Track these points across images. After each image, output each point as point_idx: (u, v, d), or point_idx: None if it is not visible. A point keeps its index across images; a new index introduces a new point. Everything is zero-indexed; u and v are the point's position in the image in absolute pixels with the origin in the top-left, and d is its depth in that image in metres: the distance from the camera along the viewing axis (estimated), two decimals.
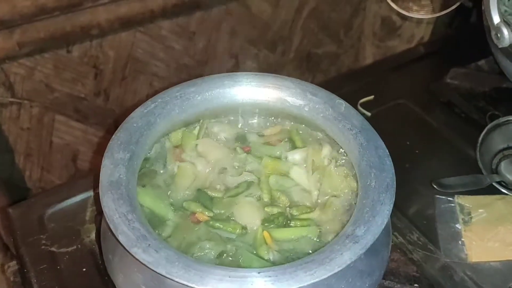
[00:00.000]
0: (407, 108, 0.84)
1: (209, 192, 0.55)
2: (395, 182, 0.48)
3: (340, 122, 0.53)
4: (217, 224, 0.53)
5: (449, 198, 0.69)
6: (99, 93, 1.28)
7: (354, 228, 0.44)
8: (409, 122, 0.82)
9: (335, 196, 0.55)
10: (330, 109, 0.54)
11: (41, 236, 0.62)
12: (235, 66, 1.44)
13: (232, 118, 0.63)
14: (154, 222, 0.53)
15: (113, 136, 0.50)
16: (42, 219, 0.64)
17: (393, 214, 0.67)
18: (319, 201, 0.56)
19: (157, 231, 0.52)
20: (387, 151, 0.50)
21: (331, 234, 0.51)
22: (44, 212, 0.65)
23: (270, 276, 0.40)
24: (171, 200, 0.55)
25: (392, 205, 0.46)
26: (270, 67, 1.51)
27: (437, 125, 0.81)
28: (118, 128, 0.52)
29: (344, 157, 0.57)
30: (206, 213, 0.53)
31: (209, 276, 0.39)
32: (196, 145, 0.60)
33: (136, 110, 0.54)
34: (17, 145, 1.24)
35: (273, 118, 0.61)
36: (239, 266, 0.49)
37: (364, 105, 0.83)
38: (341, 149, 0.57)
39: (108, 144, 0.50)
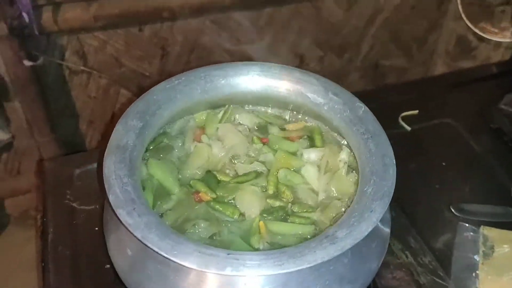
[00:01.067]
0: (452, 129, 0.80)
1: (217, 175, 0.57)
2: (392, 192, 0.46)
3: (355, 125, 0.53)
4: (217, 206, 0.54)
5: (473, 227, 0.66)
6: (162, 73, 1.33)
7: (337, 230, 0.43)
8: (450, 143, 0.78)
9: (339, 200, 0.54)
10: (348, 111, 0.54)
11: (67, 191, 0.67)
12: (299, 66, 1.44)
13: (257, 107, 0.63)
14: (160, 194, 0.55)
15: (132, 104, 0.53)
16: (71, 176, 0.69)
17: (408, 232, 0.65)
18: (323, 202, 0.55)
19: (159, 202, 0.54)
20: (394, 160, 0.49)
21: None
22: (75, 170, 0.69)
23: (237, 260, 0.40)
24: (180, 176, 0.57)
25: (382, 214, 0.44)
26: (334, 72, 1.50)
27: (480, 150, 0.77)
28: (139, 98, 0.54)
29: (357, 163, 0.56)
30: (210, 194, 0.55)
31: (179, 248, 0.41)
32: (217, 128, 0.61)
33: (159, 84, 0.56)
34: (82, 111, 1.32)
35: (294, 112, 0.61)
36: (228, 249, 0.50)
37: (406, 119, 0.80)
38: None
39: (126, 111, 0.53)
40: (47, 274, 0.59)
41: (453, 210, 0.65)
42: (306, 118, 0.62)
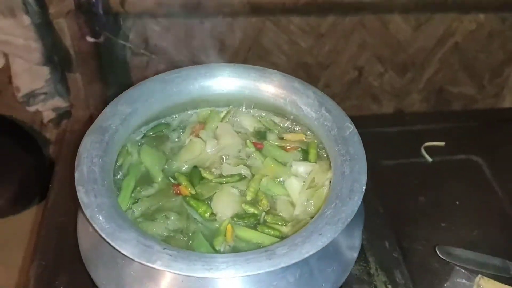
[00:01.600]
0: (477, 168, 0.75)
1: (202, 172, 0.58)
2: (349, 220, 0.45)
3: (338, 145, 0.51)
4: (192, 202, 0.55)
5: (469, 275, 0.62)
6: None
7: (279, 246, 0.43)
8: (471, 182, 0.73)
9: (312, 218, 0.53)
10: (336, 129, 0.52)
11: None
12: (356, 79, 1.41)
13: (260, 113, 0.63)
14: (144, 180, 0.57)
15: (127, 90, 0.55)
16: None
17: (397, 267, 0.63)
18: (297, 217, 0.54)
19: (139, 188, 0.56)
20: (363, 188, 0.47)
21: None
22: None
23: (170, 255, 0.41)
24: (166, 167, 0.58)
25: (330, 239, 0.43)
26: (393, 90, 1.45)
27: (503, 196, 0.72)
28: (135, 85, 0.56)
29: None
30: (189, 189, 0.56)
31: (121, 233, 0.42)
32: (217, 127, 0.62)
33: (160, 74, 0.58)
34: None
35: (294, 123, 0.60)
36: (188, 246, 0.51)
37: (430, 150, 0.77)
38: None
39: (118, 96, 0.55)
40: (38, 237, 0.63)
41: (438, 252, 0.61)
42: (308, 132, 0.61)
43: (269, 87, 0.57)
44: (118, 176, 0.56)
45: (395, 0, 1.25)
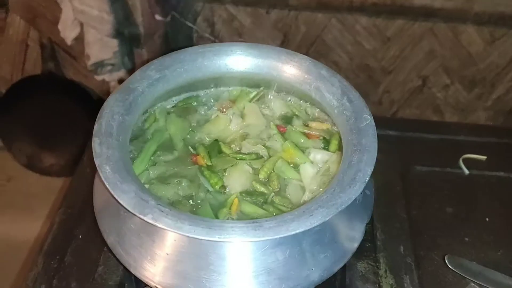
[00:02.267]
0: None
1: (222, 146, 0.59)
2: (344, 206, 0.44)
3: (352, 134, 0.50)
4: (206, 172, 0.56)
5: None
6: None
7: (267, 220, 0.43)
8: (506, 201, 0.69)
9: None
10: (353, 119, 0.52)
11: None
12: (419, 87, 1.37)
13: (292, 98, 0.64)
14: (166, 145, 0.59)
15: (159, 58, 0.58)
16: None
17: (407, 273, 0.61)
18: (305, 202, 0.54)
19: (159, 152, 0.58)
20: (366, 179, 0.46)
21: None
22: None
23: (161, 211, 0.43)
24: (189, 136, 0.60)
25: (320, 222, 0.43)
26: (457, 104, 1.39)
27: None
28: (168, 54, 0.59)
29: None
30: (205, 160, 0.57)
31: (122, 185, 0.44)
32: (244, 106, 0.63)
33: (195, 46, 0.60)
34: None
35: (317, 108, 0.60)
36: (193, 213, 0.53)
37: (468, 162, 0.73)
38: None
39: (151, 61, 0.57)
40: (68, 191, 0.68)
41: (447, 261, 0.58)
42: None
43: (296, 71, 0.57)
44: (143, 138, 0.58)
45: (468, 9, 1.20)
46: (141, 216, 0.42)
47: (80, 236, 0.63)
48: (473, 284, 0.59)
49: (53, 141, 1.52)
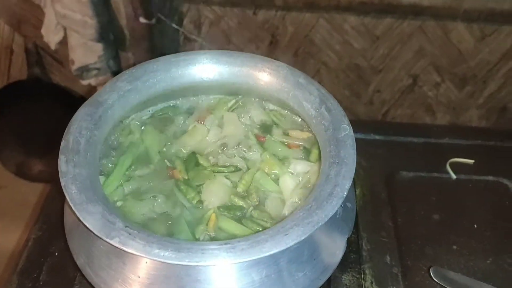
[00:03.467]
0: (505, 191, 0.69)
1: (199, 158, 0.57)
2: (320, 224, 0.42)
3: (330, 146, 0.49)
4: (182, 187, 0.54)
5: None
6: None
7: (240, 241, 0.41)
8: (495, 206, 0.67)
9: None
10: (331, 130, 0.50)
11: None
12: (410, 86, 1.35)
13: (268, 106, 0.62)
14: (141, 159, 0.57)
15: (130, 68, 0.56)
16: None
17: (393, 283, 0.59)
18: (284, 215, 0.52)
19: (134, 167, 0.56)
20: (344, 194, 0.44)
21: None
22: None
23: (129, 234, 0.41)
24: (165, 149, 0.58)
25: (295, 242, 0.41)
26: (449, 103, 1.38)
27: None
28: (140, 64, 0.57)
29: None
30: (182, 174, 0.55)
31: (87, 206, 0.42)
32: (223, 115, 0.61)
33: (167, 55, 0.58)
34: None
35: (298, 116, 0.59)
36: (169, 230, 0.51)
37: (455, 166, 0.72)
38: None
39: (121, 73, 0.55)
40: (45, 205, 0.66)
41: (432, 273, 0.57)
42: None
43: (273, 79, 0.55)
44: (117, 152, 0.56)
45: (458, 6, 1.18)
46: (108, 240, 0.40)
47: (56, 254, 0.61)
48: None
49: (42, 147, 1.50)
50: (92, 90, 1.40)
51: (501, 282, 0.60)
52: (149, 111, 0.62)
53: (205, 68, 0.57)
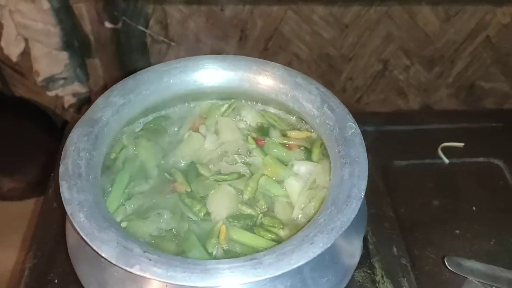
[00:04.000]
0: (499, 172, 0.70)
1: (199, 168, 0.55)
2: (344, 229, 0.41)
3: (338, 146, 0.48)
4: (187, 200, 0.53)
5: (483, 287, 0.58)
6: (239, 55, 1.33)
7: (266, 255, 0.40)
8: (491, 187, 0.69)
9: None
10: (337, 129, 0.49)
11: None
12: (381, 72, 1.36)
13: (264, 108, 0.60)
14: (139, 175, 0.55)
15: (121, 81, 0.53)
16: None
17: (405, 275, 0.59)
18: (295, 219, 0.51)
19: (133, 184, 0.54)
20: (363, 194, 0.44)
21: None
22: None
23: (150, 260, 0.39)
24: (163, 162, 0.56)
25: (322, 249, 0.40)
26: (420, 85, 1.40)
27: None
28: (130, 75, 0.54)
29: None
30: (184, 186, 0.54)
31: (100, 234, 0.40)
32: (217, 121, 0.59)
33: (157, 64, 0.55)
34: None
35: (293, 116, 0.57)
36: (180, 247, 0.49)
37: (447, 151, 0.72)
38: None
39: (112, 86, 0.53)
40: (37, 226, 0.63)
41: (446, 263, 0.57)
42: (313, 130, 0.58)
43: (270, 81, 0.54)
44: (112, 169, 0.54)
45: None
46: (127, 269, 0.38)
47: (56, 281, 0.58)
48: (469, 279, 0.58)
49: (10, 164, 1.44)
50: (59, 100, 1.35)
51: (508, 262, 0.61)
52: (140, 123, 0.59)
53: (199, 74, 0.55)
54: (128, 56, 1.30)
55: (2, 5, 1.09)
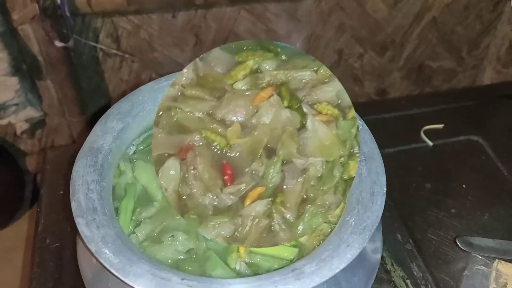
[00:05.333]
0: (480, 148, 0.73)
1: None
2: (376, 226, 0.42)
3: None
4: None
5: (487, 261, 0.60)
6: None
7: (306, 263, 0.40)
8: (475, 163, 0.72)
9: (327, 223, 0.50)
10: None
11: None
12: (337, 62, 1.39)
13: None
14: (143, 200, 0.53)
15: (115, 104, 0.51)
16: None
17: (413, 260, 0.60)
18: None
19: (139, 209, 0.52)
20: (385, 189, 0.44)
21: None
22: None
23: (190, 286, 0.37)
24: None
25: (359, 250, 0.40)
26: (374, 70, 1.43)
27: (508, 173, 0.70)
28: (123, 98, 0.52)
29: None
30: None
31: (133, 267, 0.38)
32: None
33: (147, 84, 0.53)
34: (114, 93, 1.33)
35: None
36: (202, 267, 0.48)
37: (429, 133, 0.74)
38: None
39: (107, 111, 0.50)
40: (32, 266, 0.59)
41: (459, 243, 0.59)
42: None
43: None
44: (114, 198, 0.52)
45: None
46: None
47: None
48: (474, 255, 0.60)
49: None
50: (10, 127, 1.28)
51: (503, 234, 0.64)
52: (133, 145, 0.57)
53: None
54: (81, 73, 1.25)
55: None
